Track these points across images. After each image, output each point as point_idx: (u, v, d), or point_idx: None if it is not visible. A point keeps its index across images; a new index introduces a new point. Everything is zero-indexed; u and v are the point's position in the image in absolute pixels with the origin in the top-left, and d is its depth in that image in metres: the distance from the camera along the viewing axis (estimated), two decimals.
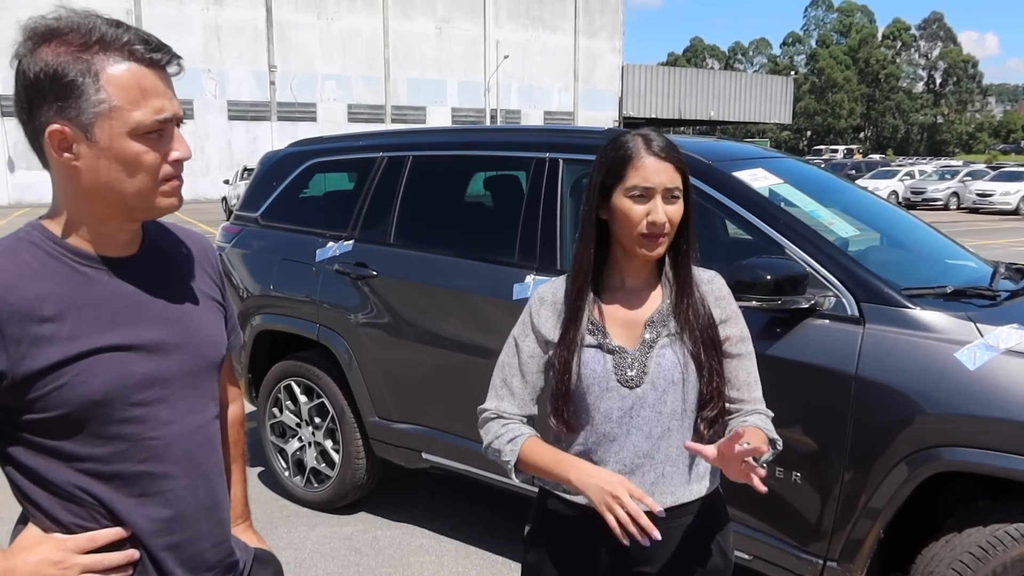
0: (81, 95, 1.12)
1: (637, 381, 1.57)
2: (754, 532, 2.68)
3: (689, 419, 1.60)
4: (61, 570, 1.15)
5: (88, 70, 1.12)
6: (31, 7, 14.90)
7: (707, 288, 1.64)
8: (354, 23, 37.26)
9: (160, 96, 1.17)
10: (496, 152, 3.68)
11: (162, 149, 1.18)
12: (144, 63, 1.16)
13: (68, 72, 1.12)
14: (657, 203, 1.53)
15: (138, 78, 1.15)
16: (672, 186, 1.55)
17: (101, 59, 1.13)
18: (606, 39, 45.01)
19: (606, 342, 1.59)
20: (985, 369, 2.26)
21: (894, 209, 3.89)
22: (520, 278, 3.21)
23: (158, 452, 1.24)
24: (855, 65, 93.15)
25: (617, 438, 1.59)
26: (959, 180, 27.88)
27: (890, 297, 2.49)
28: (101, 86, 1.12)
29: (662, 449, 1.59)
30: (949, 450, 2.27)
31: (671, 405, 1.58)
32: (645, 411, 1.57)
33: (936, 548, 2.37)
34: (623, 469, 1.58)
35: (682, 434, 1.60)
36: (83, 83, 1.12)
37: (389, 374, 3.66)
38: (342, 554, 3.66)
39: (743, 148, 3.65)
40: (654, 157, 1.55)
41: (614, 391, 1.57)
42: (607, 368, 1.57)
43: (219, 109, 34.51)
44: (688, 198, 1.58)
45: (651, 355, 1.57)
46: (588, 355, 1.59)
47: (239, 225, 4.45)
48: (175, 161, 1.20)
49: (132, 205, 1.20)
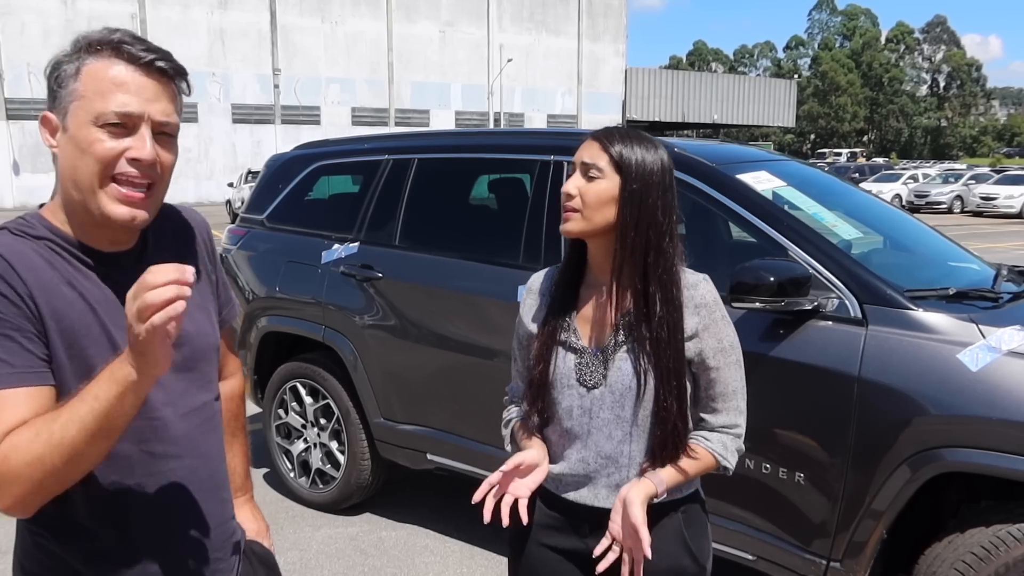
0: (64, 85, 1.19)
1: (595, 382, 1.57)
2: (758, 532, 2.69)
3: (651, 428, 1.57)
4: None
5: (74, 63, 1.19)
6: (37, 11, 15.04)
7: (688, 294, 1.57)
8: (358, 27, 37.33)
9: (133, 93, 1.18)
10: (501, 155, 3.70)
11: (122, 146, 1.18)
12: (126, 60, 1.18)
13: (60, 66, 1.20)
14: None
15: (113, 72, 1.18)
16: (591, 162, 1.54)
17: (89, 55, 1.19)
18: (609, 42, 45.03)
19: (572, 340, 1.61)
20: (987, 370, 2.27)
21: (897, 212, 3.90)
22: (524, 280, 3.20)
23: (156, 433, 1.25)
24: (858, 68, 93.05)
25: (579, 436, 1.60)
26: (963, 183, 27.83)
27: (893, 299, 2.50)
28: (79, 77, 1.18)
29: (626, 453, 1.58)
30: (952, 451, 2.28)
31: (630, 410, 1.56)
32: (604, 413, 1.57)
33: (939, 548, 2.38)
34: (586, 469, 1.60)
35: (644, 441, 1.58)
36: (67, 75, 1.19)
37: (394, 376, 3.68)
38: (347, 555, 3.68)
39: (747, 151, 3.67)
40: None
41: (574, 389, 1.59)
42: (570, 366, 1.60)
43: (223, 112, 34.58)
44: (634, 190, 1.52)
45: (613, 359, 1.56)
46: (558, 351, 1.61)
47: (245, 227, 4.47)
48: (133, 160, 1.18)
49: (87, 202, 1.19)
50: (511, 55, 40.05)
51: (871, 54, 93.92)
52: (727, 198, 2.87)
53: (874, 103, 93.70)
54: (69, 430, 1.05)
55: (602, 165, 1.54)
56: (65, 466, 1.07)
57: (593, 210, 1.54)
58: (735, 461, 1.64)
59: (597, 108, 44.38)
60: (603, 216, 1.54)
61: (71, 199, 1.22)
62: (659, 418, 1.55)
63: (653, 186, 1.54)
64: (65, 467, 1.07)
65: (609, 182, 1.54)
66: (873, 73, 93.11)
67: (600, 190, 1.54)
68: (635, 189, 1.53)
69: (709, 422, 1.63)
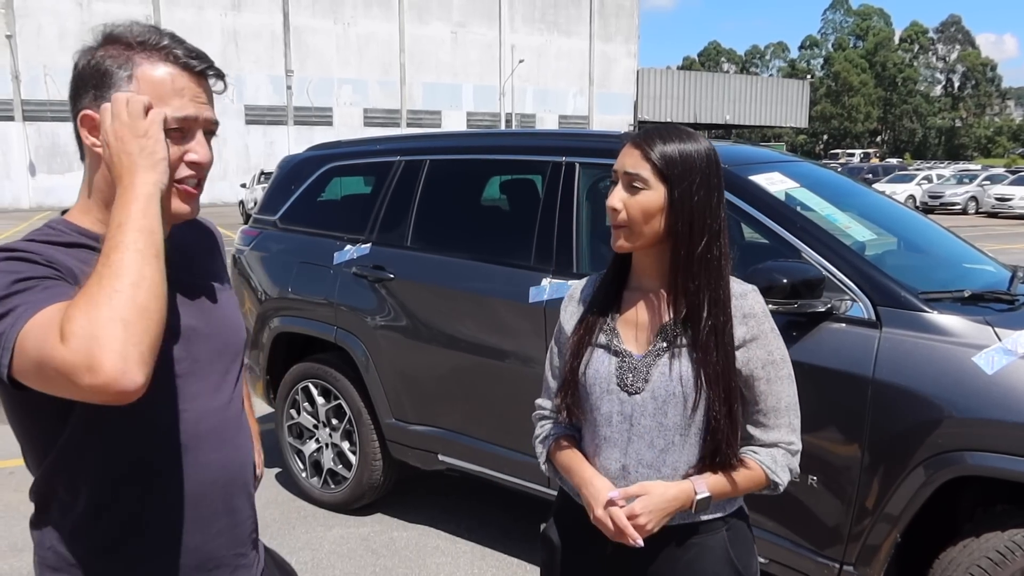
0: (113, 85, 1.18)
1: (637, 388, 1.51)
2: (771, 535, 2.68)
3: (696, 437, 1.51)
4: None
5: (125, 64, 1.19)
6: (54, 13, 15.14)
7: (736, 303, 1.52)
8: (370, 28, 37.45)
9: (189, 97, 1.21)
10: (513, 156, 3.70)
11: (180, 150, 1.21)
12: (179, 66, 1.21)
13: (107, 65, 1.19)
14: (618, 190, 1.51)
15: (171, 77, 1.20)
16: (634, 171, 1.48)
17: (140, 57, 1.19)
18: (621, 43, 44.97)
19: (614, 343, 1.55)
20: (1003, 373, 2.25)
21: (911, 213, 3.87)
22: (536, 281, 3.22)
23: (187, 425, 1.26)
24: (872, 69, 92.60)
25: (618, 444, 1.54)
26: (977, 184, 27.64)
27: (907, 301, 2.48)
28: (134, 78, 1.18)
29: (668, 463, 1.52)
30: (967, 454, 2.26)
31: (673, 418, 1.50)
32: (646, 420, 1.51)
33: (954, 553, 2.36)
34: (627, 478, 1.54)
35: (688, 451, 1.52)
36: (118, 74, 1.18)
37: (406, 376, 3.68)
38: (359, 555, 3.68)
39: (759, 152, 3.65)
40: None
41: (614, 394, 1.53)
42: (610, 370, 1.54)
43: (236, 113, 34.77)
44: (681, 198, 1.47)
45: (656, 364, 1.50)
46: (597, 354, 1.56)
47: (258, 228, 4.49)
48: (192, 163, 1.22)
49: None
50: (523, 56, 40.06)
51: (885, 54, 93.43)
52: (740, 200, 2.86)
53: (887, 103, 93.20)
54: (124, 256, 1.01)
55: (645, 175, 1.47)
56: (147, 299, 1.01)
57: (641, 224, 1.48)
58: (787, 479, 1.56)
59: (609, 109, 44.34)
60: (652, 228, 1.49)
61: (110, 199, 1.20)
62: (709, 426, 1.49)
63: (700, 190, 1.47)
64: (148, 299, 1.01)
65: (655, 192, 1.47)
66: (887, 73, 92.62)
67: (646, 203, 1.47)
68: (682, 197, 1.46)
69: (759, 438, 1.56)
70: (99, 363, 0.94)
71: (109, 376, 0.95)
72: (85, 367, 0.94)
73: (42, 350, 0.97)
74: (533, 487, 3.31)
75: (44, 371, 0.98)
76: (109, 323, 0.96)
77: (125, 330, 0.97)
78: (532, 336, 3.20)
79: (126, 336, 0.97)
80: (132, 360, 0.96)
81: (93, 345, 0.95)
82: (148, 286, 1.01)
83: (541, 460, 1.70)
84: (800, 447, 1.58)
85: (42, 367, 0.98)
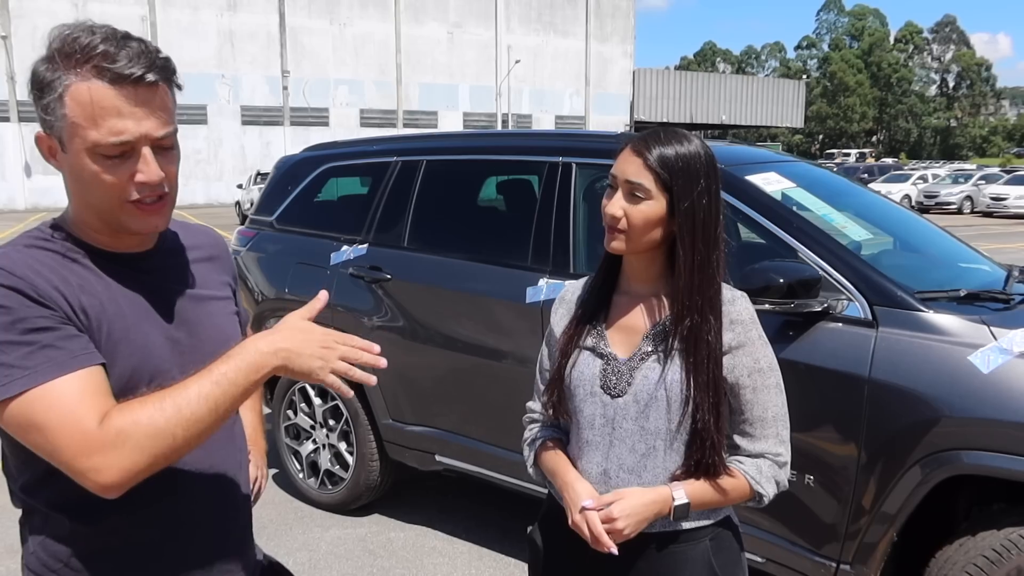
0: (53, 109, 1.13)
1: (619, 390, 1.50)
2: (767, 535, 2.68)
3: (680, 443, 1.49)
4: (326, 350, 1.21)
5: (58, 84, 1.11)
6: (49, 14, 15.17)
7: (724, 309, 1.49)
8: (366, 28, 37.41)
9: (122, 117, 1.11)
10: (509, 156, 3.70)
11: (126, 171, 1.14)
12: (108, 80, 1.10)
13: (44, 84, 1.13)
14: (617, 196, 1.49)
15: (96, 97, 1.10)
16: (636, 181, 1.45)
17: (72, 75, 1.11)
18: (617, 43, 44.99)
19: (601, 346, 1.54)
20: (999, 372, 2.26)
21: (907, 213, 3.88)
22: (533, 281, 3.23)
23: None
24: (867, 69, 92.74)
25: (600, 447, 1.53)
26: (973, 184, 27.68)
27: (903, 300, 2.49)
28: (65, 102, 1.11)
29: (649, 468, 1.50)
30: (963, 453, 2.27)
31: (655, 423, 1.48)
32: (628, 424, 1.50)
33: (950, 552, 2.37)
34: (607, 482, 1.52)
35: (671, 458, 1.50)
36: (54, 97, 1.12)
37: (403, 377, 3.68)
38: (356, 555, 3.68)
39: (755, 152, 3.66)
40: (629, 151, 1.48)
41: (597, 396, 1.52)
42: (595, 372, 1.53)
43: (232, 114, 34.71)
44: (682, 208, 1.45)
45: (640, 368, 1.49)
46: (583, 356, 1.55)
47: (254, 229, 4.49)
48: (141, 184, 1.15)
49: (106, 220, 1.20)
50: (519, 56, 40.07)
51: (880, 54, 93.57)
52: (736, 199, 2.86)
53: (883, 103, 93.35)
54: (200, 407, 1.10)
55: (648, 185, 1.45)
56: (187, 441, 1.10)
57: (640, 232, 1.47)
58: (772, 491, 1.52)
59: (605, 109, 44.35)
60: (650, 237, 1.47)
61: (86, 213, 1.21)
62: (694, 433, 1.47)
63: (702, 199, 1.45)
64: (187, 441, 1.10)
65: (656, 203, 1.45)
66: (882, 73, 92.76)
67: (648, 212, 1.45)
68: (684, 208, 1.44)
69: (745, 448, 1.52)
70: (108, 467, 1.06)
71: (104, 481, 1.06)
72: (97, 461, 1.05)
73: (60, 422, 1.06)
74: (530, 487, 3.31)
75: (33, 436, 1.08)
76: (150, 451, 1.08)
77: (150, 465, 1.09)
78: (529, 336, 3.20)
79: (147, 467, 1.08)
80: (128, 479, 1.08)
81: (122, 453, 1.06)
82: (200, 436, 1.12)
83: (528, 463, 1.70)
84: (788, 459, 1.55)
85: (39, 432, 1.07)
